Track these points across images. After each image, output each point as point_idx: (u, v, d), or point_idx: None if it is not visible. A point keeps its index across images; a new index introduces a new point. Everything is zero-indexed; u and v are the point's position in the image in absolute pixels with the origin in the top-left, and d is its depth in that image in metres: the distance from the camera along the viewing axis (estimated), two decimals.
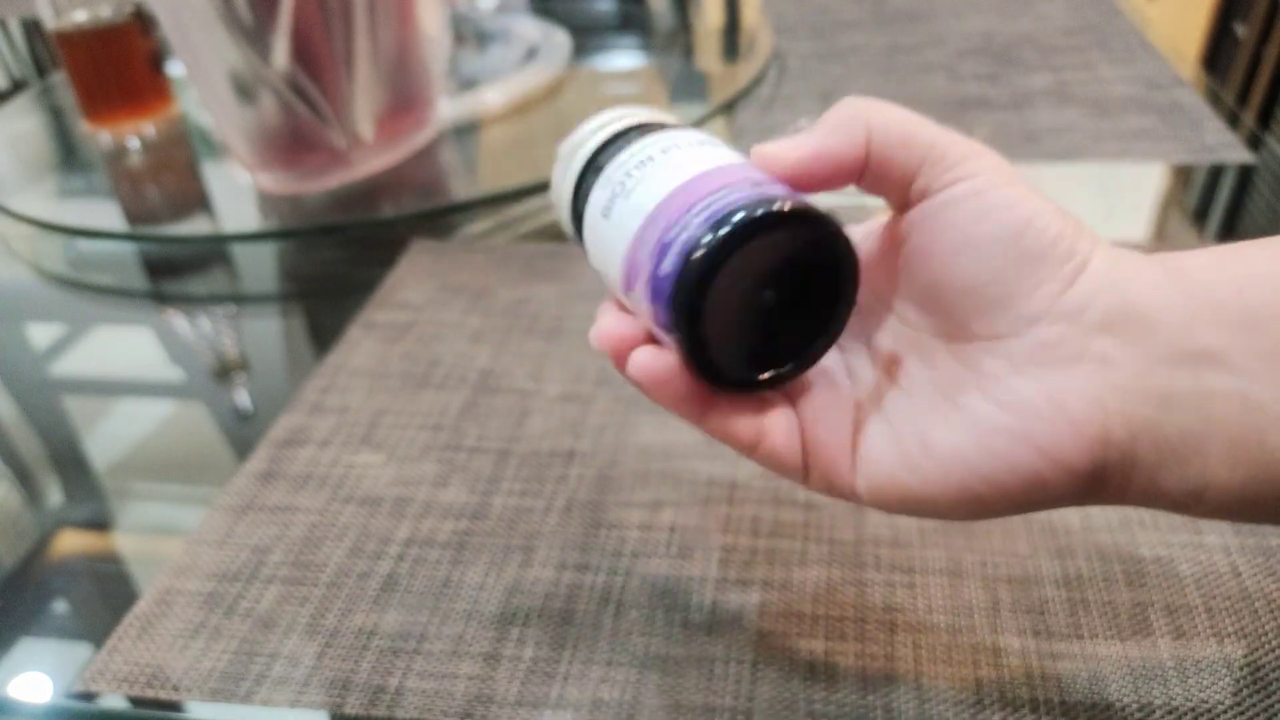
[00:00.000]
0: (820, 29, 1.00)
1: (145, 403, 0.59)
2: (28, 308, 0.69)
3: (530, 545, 0.43)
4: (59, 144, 0.95)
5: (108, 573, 0.46)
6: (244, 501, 0.47)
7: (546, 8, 1.05)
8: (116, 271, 0.72)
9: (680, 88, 0.92)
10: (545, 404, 0.51)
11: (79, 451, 0.55)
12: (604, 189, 0.32)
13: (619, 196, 0.32)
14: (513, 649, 0.39)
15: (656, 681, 0.37)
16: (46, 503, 0.52)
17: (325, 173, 0.75)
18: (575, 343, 0.56)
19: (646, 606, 0.40)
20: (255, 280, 0.71)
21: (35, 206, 0.80)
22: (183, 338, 0.64)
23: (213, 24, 0.68)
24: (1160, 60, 0.86)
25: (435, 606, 0.41)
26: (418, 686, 0.38)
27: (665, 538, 0.43)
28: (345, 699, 0.37)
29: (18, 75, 1.20)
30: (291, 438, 0.51)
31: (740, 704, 0.36)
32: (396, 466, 0.48)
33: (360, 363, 0.56)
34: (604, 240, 0.32)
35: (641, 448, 0.48)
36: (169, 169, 0.85)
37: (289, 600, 0.42)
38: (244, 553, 0.44)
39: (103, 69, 0.84)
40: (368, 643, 0.40)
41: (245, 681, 0.38)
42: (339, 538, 0.45)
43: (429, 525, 0.45)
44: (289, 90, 0.70)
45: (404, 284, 0.63)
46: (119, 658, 0.40)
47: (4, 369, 0.62)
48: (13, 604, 0.44)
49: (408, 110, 0.78)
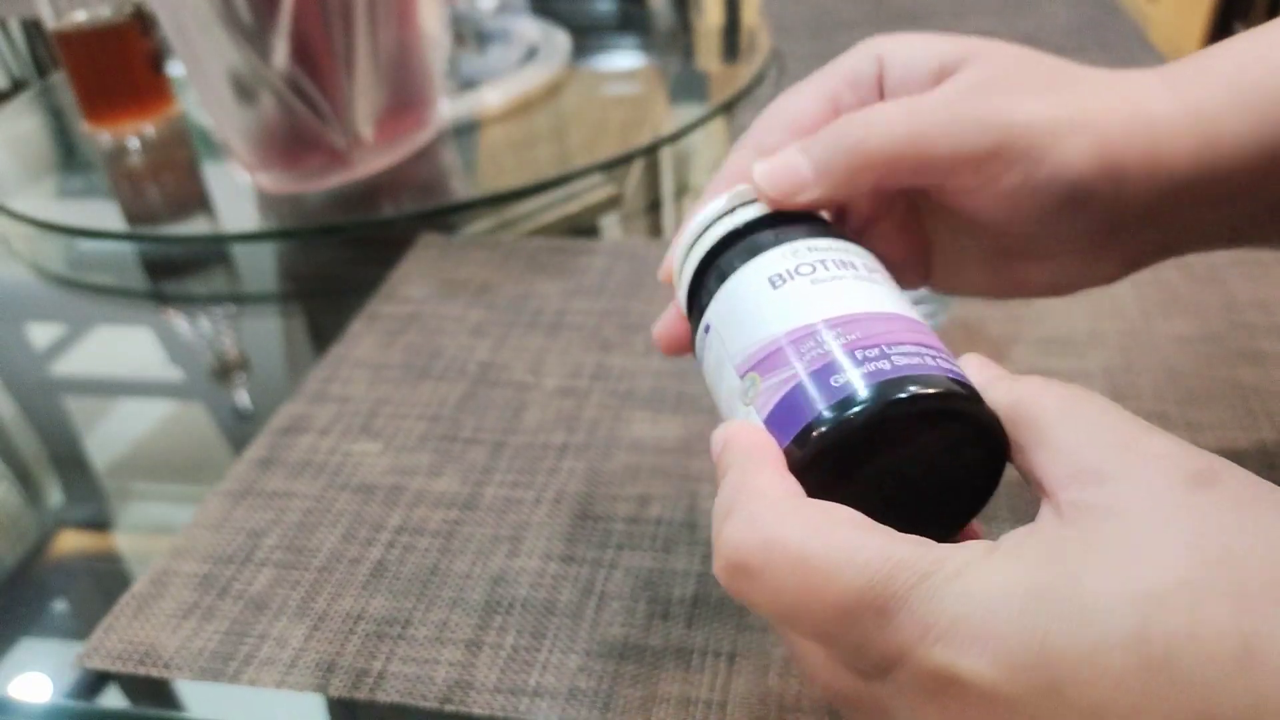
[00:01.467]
0: (820, 29, 1.00)
1: (145, 403, 0.59)
2: (28, 308, 0.70)
3: (518, 536, 0.44)
4: (59, 144, 0.96)
5: (107, 572, 0.46)
6: (243, 487, 0.48)
7: (546, 8, 1.05)
8: (116, 271, 0.73)
9: (680, 88, 0.92)
10: (542, 397, 0.52)
11: (79, 451, 0.55)
12: (790, 258, 0.31)
13: (803, 277, 0.30)
14: (494, 636, 0.39)
15: (634, 672, 0.37)
16: (46, 502, 0.52)
17: (325, 173, 0.76)
18: (574, 337, 0.56)
19: (628, 598, 0.40)
20: (255, 280, 0.71)
21: (35, 206, 0.80)
22: (183, 338, 0.64)
23: (213, 24, 0.68)
24: (1160, 60, 0.86)
25: (422, 593, 0.41)
26: (400, 671, 0.38)
27: (651, 531, 0.43)
28: (329, 681, 0.38)
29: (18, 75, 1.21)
30: (292, 425, 0.51)
31: (716, 696, 0.36)
32: (393, 455, 0.49)
33: (363, 354, 0.57)
34: (754, 303, 0.30)
35: (633, 442, 0.48)
36: (169, 169, 0.85)
37: (281, 584, 0.42)
38: (240, 536, 0.45)
39: (103, 69, 0.85)
40: (354, 627, 0.40)
41: (234, 661, 0.39)
42: (333, 524, 0.45)
43: (420, 513, 0.45)
44: (289, 90, 0.71)
45: (409, 278, 0.64)
46: (114, 636, 0.41)
47: (4, 369, 0.63)
48: (13, 603, 0.44)
49: (408, 110, 0.79)
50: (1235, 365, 0.49)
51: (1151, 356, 0.50)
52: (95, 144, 0.89)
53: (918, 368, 0.26)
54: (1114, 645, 0.20)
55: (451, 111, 0.85)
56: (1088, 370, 0.49)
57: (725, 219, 0.34)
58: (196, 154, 0.88)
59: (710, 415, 0.49)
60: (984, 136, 0.31)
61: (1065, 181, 0.31)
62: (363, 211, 0.74)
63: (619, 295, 0.59)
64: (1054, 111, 0.31)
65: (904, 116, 0.32)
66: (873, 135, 0.32)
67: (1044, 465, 0.25)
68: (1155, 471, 0.23)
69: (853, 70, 0.35)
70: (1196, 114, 0.31)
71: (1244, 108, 0.31)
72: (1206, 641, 0.20)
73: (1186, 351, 0.50)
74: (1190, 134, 0.31)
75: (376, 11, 0.71)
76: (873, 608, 0.22)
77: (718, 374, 0.31)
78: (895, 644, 0.22)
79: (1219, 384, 0.48)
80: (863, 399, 0.26)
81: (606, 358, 0.54)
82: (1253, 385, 0.47)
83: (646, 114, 0.86)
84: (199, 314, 0.66)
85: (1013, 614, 0.21)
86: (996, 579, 0.22)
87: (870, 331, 0.28)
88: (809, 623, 0.23)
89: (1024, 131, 0.31)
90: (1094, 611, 0.21)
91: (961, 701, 0.21)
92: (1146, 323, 0.52)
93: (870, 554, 0.23)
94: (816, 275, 0.30)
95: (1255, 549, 0.21)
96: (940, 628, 0.22)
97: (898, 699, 0.23)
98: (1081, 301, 0.54)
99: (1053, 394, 0.26)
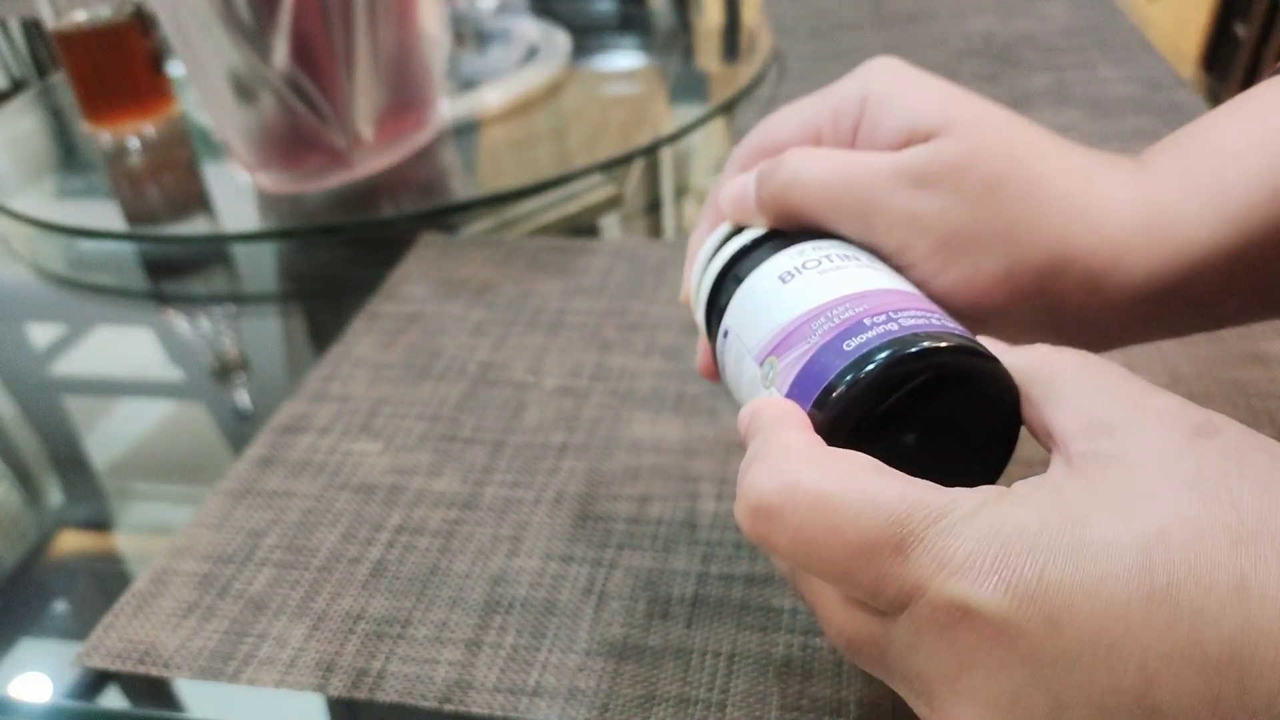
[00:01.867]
0: (820, 30, 1.00)
1: (145, 403, 0.59)
2: (28, 308, 0.70)
3: (518, 535, 0.43)
4: (59, 144, 0.96)
5: (107, 571, 0.46)
6: (243, 486, 0.48)
7: (546, 8, 1.05)
8: (116, 271, 0.73)
9: (680, 88, 0.92)
10: (541, 397, 0.52)
11: (79, 451, 0.55)
12: (796, 257, 0.32)
13: (810, 270, 0.31)
14: (494, 636, 0.39)
15: (633, 672, 0.37)
16: (46, 502, 0.52)
17: (325, 173, 0.76)
18: (574, 337, 0.56)
19: (628, 598, 0.40)
20: (255, 280, 0.71)
21: (35, 206, 0.80)
22: (183, 338, 0.64)
23: (213, 24, 0.68)
24: (1160, 60, 0.86)
25: (421, 593, 0.41)
26: (400, 670, 0.38)
27: (651, 531, 0.43)
28: (329, 680, 0.38)
29: (18, 75, 1.21)
30: (293, 424, 0.51)
31: (715, 696, 0.36)
32: (393, 455, 0.49)
33: (363, 353, 0.57)
34: (766, 299, 0.32)
35: (633, 442, 0.48)
36: (169, 169, 0.85)
37: (280, 583, 0.42)
38: (240, 536, 0.45)
39: (103, 69, 0.85)
40: (354, 627, 0.40)
41: (234, 661, 0.39)
42: (333, 523, 0.45)
43: (420, 513, 0.45)
44: (289, 90, 0.71)
45: (410, 277, 0.64)
46: (114, 634, 0.41)
47: (4, 369, 0.63)
48: (13, 603, 0.44)
49: (408, 110, 0.79)
50: (1237, 366, 0.49)
51: (1153, 357, 0.50)
52: (95, 144, 0.89)
53: (926, 327, 0.27)
54: (1117, 577, 0.21)
55: (451, 111, 0.85)
56: None
57: (735, 238, 0.36)
58: (196, 154, 0.88)
59: (710, 415, 0.49)
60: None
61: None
62: (363, 211, 0.74)
63: (619, 295, 0.59)
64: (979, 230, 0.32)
65: (828, 173, 0.33)
66: (796, 183, 0.33)
67: (1056, 418, 0.26)
68: (1161, 423, 0.24)
69: (839, 106, 0.35)
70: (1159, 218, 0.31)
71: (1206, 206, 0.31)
72: (1205, 574, 0.21)
73: (1188, 352, 0.50)
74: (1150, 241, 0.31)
75: (376, 11, 0.71)
76: (890, 544, 0.23)
77: (738, 371, 0.32)
78: (912, 579, 0.23)
79: (1221, 385, 0.48)
80: (877, 357, 0.27)
81: (606, 358, 0.54)
82: (1255, 386, 0.47)
83: (646, 114, 0.86)
84: (199, 314, 0.66)
85: (1024, 549, 0.22)
86: (1009, 519, 0.23)
87: (878, 303, 0.29)
88: (828, 562, 0.24)
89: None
90: (1099, 545, 0.22)
91: (975, 634, 0.22)
92: None
93: (889, 495, 0.24)
94: (823, 267, 0.31)
95: (1252, 490, 0.22)
96: (955, 562, 0.22)
97: (913, 637, 0.24)
98: None
99: (1069, 355, 0.27)
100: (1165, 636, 0.21)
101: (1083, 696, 0.21)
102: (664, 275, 0.61)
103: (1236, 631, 0.20)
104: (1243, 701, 0.20)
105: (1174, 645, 0.21)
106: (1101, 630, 0.21)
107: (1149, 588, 0.21)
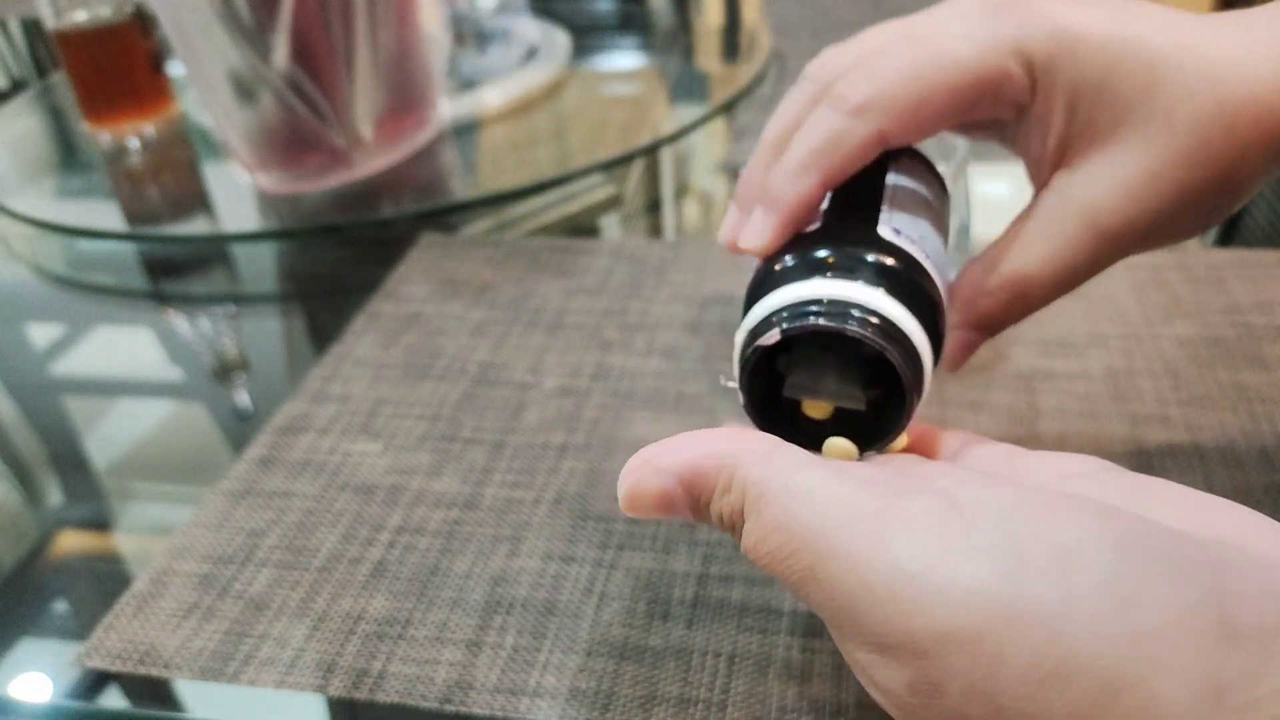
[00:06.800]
0: (820, 29, 1.00)
1: (145, 403, 0.59)
2: (28, 308, 0.70)
3: (518, 536, 0.43)
4: (59, 144, 0.96)
5: (107, 572, 0.46)
6: (243, 486, 0.48)
7: (546, 8, 1.05)
8: (116, 271, 0.73)
9: (680, 88, 0.92)
10: (541, 397, 0.52)
11: (79, 451, 0.55)
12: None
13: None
14: (494, 637, 0.39)
15: (633, 672, 0.37)
16: (46, 502, 0.52)
17: (325, 173, 0.76)
18: (574, 337, 0.56)
19: (629, 599, 0.40)
20: (255, 280, 0.71)
21: (35, 206, 0.80)
22: (183, 338, 0.64)
23: (213, 24, 0.68)
24: None
25: (422, 593, 0.41)
26: (400, 671, 0.38)
27: (651, 531, 0.43)
28: (329, 681, 0.38)
29: (18, 75, 1.21)
30: (292, 425, 0.51)
31: (715, 696, 0.36)
32: (393, 455, 0.49)
33: (364, 353, 0.57)
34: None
35: (634, 442, 0.48)
36: (169, 169, 0.85)
37: (281, 584, 0.42)
38: (240, 536, 0.45)
39: (103, 69, 0.85)
40: (354, 627, 0.40)
41: (234, 661, 0.39)
42: (333, 524, 0.45)
43: (420, 513, 0.45)
44: (289, 90, 0.71)
45: (410, 277, 0.64)
46: (114, 635, 0.40)
47: (4, 369, 0.63)
48: (13, 603, 0.44)
49: (408, 110, 0.79)
50: (1237, 368, 0.49)
51: (1153, 358, 0.50)
52: (95, 144, 0.89)
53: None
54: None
55: (451, 111, 0.85)
56: (1089, 372, 0.49)
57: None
58: (196, 154, 0.88)
59: (710, 415, 0.49)
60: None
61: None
62: (363, 211, 0.74)
63: (619, 295, 0.59)
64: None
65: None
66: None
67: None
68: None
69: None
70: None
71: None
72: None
73: (1188, 354, 0.50)
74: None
75: (376, 11, 0.71)
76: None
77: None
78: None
79: (1221, 387, 0.48)
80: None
81: (606, 358, 0.54)
82: (1255, 388, 0.47)
83: (646, 114, 0.86)
84: (199, 314, 0.66)
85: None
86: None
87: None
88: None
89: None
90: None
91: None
92: (1148, 325, 0.52)
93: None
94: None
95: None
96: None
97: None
98: (1082, 303, 0.54)
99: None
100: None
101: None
102: (664, 275, 0.61)
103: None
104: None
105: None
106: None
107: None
